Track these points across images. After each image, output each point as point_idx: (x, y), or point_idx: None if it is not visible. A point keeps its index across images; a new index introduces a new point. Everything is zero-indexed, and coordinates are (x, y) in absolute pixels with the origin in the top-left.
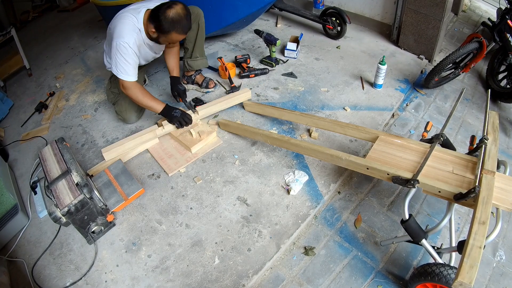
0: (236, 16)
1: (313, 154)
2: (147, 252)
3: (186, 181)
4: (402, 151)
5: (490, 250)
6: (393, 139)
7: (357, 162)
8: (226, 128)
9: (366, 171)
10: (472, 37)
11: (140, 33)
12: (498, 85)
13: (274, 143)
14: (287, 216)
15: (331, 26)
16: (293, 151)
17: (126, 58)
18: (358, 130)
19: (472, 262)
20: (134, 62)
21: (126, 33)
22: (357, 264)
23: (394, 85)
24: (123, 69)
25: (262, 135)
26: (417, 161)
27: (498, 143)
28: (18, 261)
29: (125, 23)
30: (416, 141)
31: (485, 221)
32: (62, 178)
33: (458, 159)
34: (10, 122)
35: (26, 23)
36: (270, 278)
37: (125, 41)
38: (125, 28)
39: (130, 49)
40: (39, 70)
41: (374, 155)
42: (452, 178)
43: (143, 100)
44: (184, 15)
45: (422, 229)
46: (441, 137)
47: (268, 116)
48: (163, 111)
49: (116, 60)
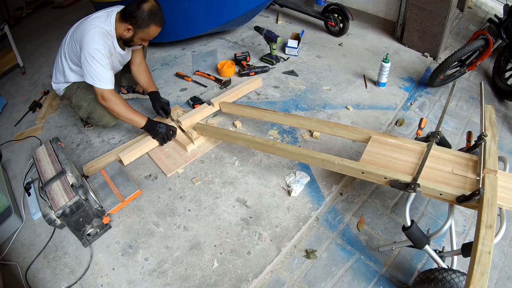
0: (235, 13)
1: (302, 159)
2: (144, 255)
3: (184, 182)
4: (398, 152)
5: (496, 253)
6: (387, 139)
7: (351, 167)
8: (203, 133)
9: (362, 175)
10: (478, 34)
11: (112, 40)
12: (505, 83)
13: (257, 148)
14: (288, 218)
15: (333, 23)
16: (280, 156)
17: (103, 64)
18: (348, 130)
19: (483, 269)
20: (109, 68)
21: (98, 40)
22: (360, 267)
23: (398, 84)
24: (101, 77)
25: (244, 139)
26: (415, 162)
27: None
28: (12, 264)
29: (96, 31)
30: (412, 140)
31: (492, 224)
32: (57, 179)
33: (457, 158)
34: (3, 121)
35: (19, 20)
36: (270, 282)
37: (99, 48)
38: (96, 34)
39: (105, 54)
40: (33, 68)
41: (368, 157)
42: (452, 179)
43: (125, 113)
44: (159, 6)
45: (425, 235)
46: (437, 135)
47: (247, 117)
48: (146, 126)
49: (91, 68)
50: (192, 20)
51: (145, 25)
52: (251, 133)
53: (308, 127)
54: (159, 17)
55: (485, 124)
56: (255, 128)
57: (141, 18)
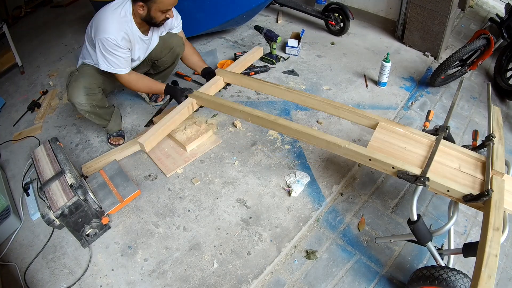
0: (235, 12)
1: (305, 138)
2: (143, 256)
3: (183, 182)
4: (406, 142)
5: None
6: (395, 127)
7: (358, 152)
8: (200, 102)
9: (368, 162)
10: (480, 33)
11: (131, 26)
12: (507, 83)
13: (256, 122)
14: (288, 218)
15: (333, 22)
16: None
17: (115, 52)
18: (355, 113)
19: (490, 272)
20: (125, 55)
21: (111, 28)
22: (361, 268)
23: (398, 83)
24: (114, 63)
25: (242, 112)
26: (423, 154)
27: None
28: (10, 265)
29: (110, 18)
30: (420, 132)
31: (499, 227)
32: (56, 179)
33: (464, 156)
34: (2, 121)
35: (18, 19)
36: (270, 283)
37: (111, 37)
38: (110, 22)
39: (117, 43)
40: (31, 67)
41: (376, 144)
42: (460, 177)
43: (145, 87)
44: None
45: (429, 231)
46: (446, 129)
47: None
48: (166, 89)
49: (104, 56)
50: (192, 19)
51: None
52: (251, 133)
53: (311, 105)
54: None
55: (493, 125)
56: (255, 128)
57: None
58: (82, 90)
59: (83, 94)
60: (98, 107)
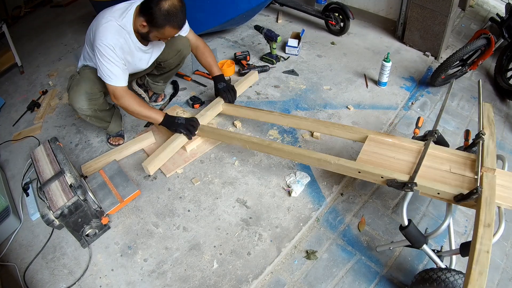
0: (235, 11)
1: (298, 159)
2: (143, 256)
3: (183, 182)
4: (395, 151)
5: (498, 254)
6: (384, 138)
7: (347, 166)
8: (199, 133)
9: (358, 175)
10: (480, 33)
11: (129, 36)
12: (507, 83)
13: (254, 148)
14: (288, 218)
15: (333, 22)
16: (276, 156)
17: (113, 61)
18: (344, 129)
19: (481, 269)
20: (121, 65)
21: (109, 35)
22: (361, 268)
23: (399, 83)
24: (111, 73)
25: (240, 139)
26: (412, 161)
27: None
28: (10, 265)
29: (108, 25)
30: (409, 139)
31: (490, 223)
32: (55, 179)
33: (454, 157)
34: (1, 121)
35: (17, 19)
36: (270, 283)
37: (109, 44)
38: (108, 29)
39: (115, 51)
40: (31, 67)
41: (365, 156)
42: (450, 178)
43: (140, 110)
44: (180, 7)
45: (422, 234)
46: (434, 133)
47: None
48: (165, 121)
49: (102, 64)
50: (192, 19)
51: (159, 24)
52: (251, 133)
53: (304, 127)
54: (177, 19)
55: (483, 122)
56: (255, 128)
57: (157, 17)
58: (84, 95)
59: (85, 99)
60: (100, 110)
